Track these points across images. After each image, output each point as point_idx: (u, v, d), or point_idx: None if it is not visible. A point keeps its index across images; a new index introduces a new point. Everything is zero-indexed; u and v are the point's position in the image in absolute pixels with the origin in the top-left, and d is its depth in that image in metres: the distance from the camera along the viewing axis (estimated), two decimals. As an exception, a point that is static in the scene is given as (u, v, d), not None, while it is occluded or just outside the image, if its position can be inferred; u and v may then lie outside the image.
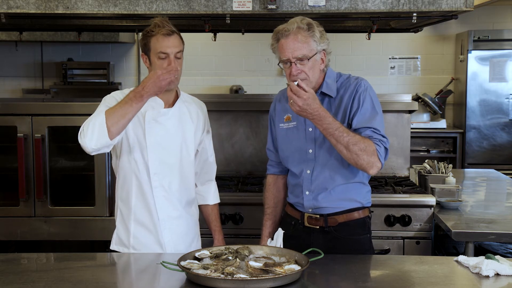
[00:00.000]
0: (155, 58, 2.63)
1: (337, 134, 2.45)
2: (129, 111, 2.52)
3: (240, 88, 6.99)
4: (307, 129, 2.66)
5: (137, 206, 2.74)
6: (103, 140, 2.50)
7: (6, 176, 3.93)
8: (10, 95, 7.25)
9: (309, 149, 2.65)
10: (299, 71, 2.53)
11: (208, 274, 2.08)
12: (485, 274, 2.21)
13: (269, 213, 2.87)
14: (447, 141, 6.68)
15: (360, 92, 2.58)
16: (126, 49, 7.28)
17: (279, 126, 2.77)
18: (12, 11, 3.27)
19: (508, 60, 6.48)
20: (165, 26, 2.62)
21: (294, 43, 2.52)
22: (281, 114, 2.77)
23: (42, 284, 2.17)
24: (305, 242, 2.64)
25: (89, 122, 2.53)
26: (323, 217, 2.64)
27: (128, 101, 2.52)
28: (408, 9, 3.25)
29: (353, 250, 2.63)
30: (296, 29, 2.52)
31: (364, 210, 2.69)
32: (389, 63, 7.18)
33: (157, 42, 2.61)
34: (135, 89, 2.55)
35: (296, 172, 2.69)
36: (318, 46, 2.55)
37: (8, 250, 3.92)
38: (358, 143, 2.46)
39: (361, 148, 2.46)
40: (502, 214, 3.35)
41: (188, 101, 2.84)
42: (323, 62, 2.61)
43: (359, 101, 2.57)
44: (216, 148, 3.52)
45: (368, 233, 2.72)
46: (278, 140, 2.79)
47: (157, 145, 2.71)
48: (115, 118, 2.50)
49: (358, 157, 2.47)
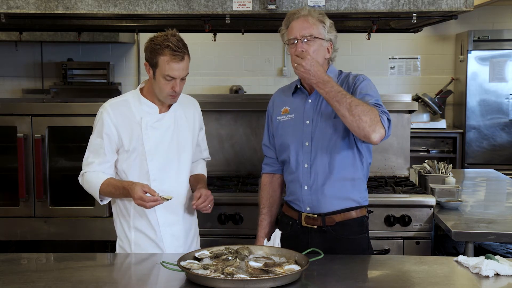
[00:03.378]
0: (160, 77, 2.61)
1: (339, 96, 2.41)
2: (117, 197, 2.77)
3: (240, 88, 6.99)
4: (304, 122, 2.65)
5: (137, 213, 2.74)
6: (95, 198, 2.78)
7: (6, 176, 3.93)
8: (10, 95, 7.25)
9: (305, 142, 2.64)
10: (303, 50, 2.55)
11: (208, 274, 2.08)
12: (485, 274, 2.21)
13: (265, 213, 2.85)
14: (447, 141, 6.68)
15: (358, 83, 2.60)
16: (126, 49, 7.28)
17: (276, 119, 2.76)
18: (12, 11, 3.27)
19: (508, 60, 6.48)
20: (178, 50, 2.56)
21: (303, 23, 2.58)
22: (279, 107, 2.77)
23: (42, 284, 2.17)
24: (303, 242, 2.63)
25: (86, 182, 2.74)
26: (320, 216, 2.64)
27: (120, 194, 2.69)
28: (408, 9, 3.25)
29: (351, 249, 2.62)
30: (307, 13, 2.59)
31: (361, 209, 2.68)
32: (389, 63, 7.18)
33: (166, 64, 2.57)
34: (126, 187, 2.63)
35: (293, 166, 2.68)
36: (326, 34, 2.60)
37: (8, 250, 3.92)
38: (361, 105, 2.41)
39: (364, 110, 2.39)
40: (502, 214, 3.35)
41: (183, 102, 2.83)
42: (329, 53, 2.64)
43: (357, 89, 2.57)
44: (216, 148, 3.54)
45: (366, 232, 2.71)
46: (275, 133, 2.77)
47: (155, 151, 2.71)
48: (107, 194, 2.74)
49: (361, 119, 2.38)
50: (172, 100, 2.70)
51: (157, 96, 2.69)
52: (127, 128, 2.69)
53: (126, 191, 2.63)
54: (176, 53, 2.56)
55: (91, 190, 2.74)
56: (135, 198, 2.57)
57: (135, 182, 2.63)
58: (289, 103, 2.73)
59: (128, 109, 2.72)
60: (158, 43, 2.58)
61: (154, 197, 2.56)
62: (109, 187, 2.69)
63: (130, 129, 2.69)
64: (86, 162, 2.74)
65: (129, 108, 2.72)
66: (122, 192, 2.67)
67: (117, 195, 2.72)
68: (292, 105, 2.71)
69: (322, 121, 2.62)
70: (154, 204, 2.59)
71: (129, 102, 2.74)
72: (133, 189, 2.58)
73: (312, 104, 2.65)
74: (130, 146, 2.69)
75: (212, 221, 3.45)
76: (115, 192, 2.70)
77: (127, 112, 2.71)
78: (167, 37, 2.58)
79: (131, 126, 2.70)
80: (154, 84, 2.66)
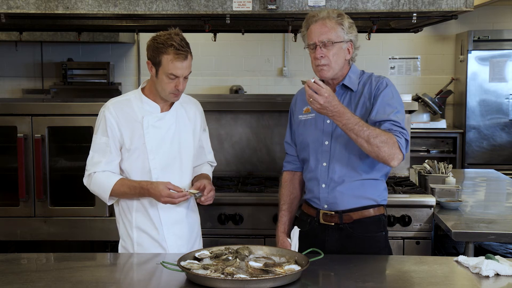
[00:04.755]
0: (163, 76, 2.61)
1: (357, 128, 2.46)
2: (130, 197, 2.73)
3: (240, 88, 6.99)
4: (324, 121, 2.68)
5: (139, 212, 2.73)
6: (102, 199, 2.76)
7: (6, 176, 3.93)
8: (10, 95, 7.25)
9: (325, 141, 2.67)
10: (323, 55, 2.57)
11: (208, 274, 2.08)
12: (485, 274, 2.21)
13: (285, 209, 2.87)
14: (447, 141, 6.67)
15: (382, 89, 2.62)
16: (126, 49, 7.28)
17: (298, 117, 2.80)
18: (12, 11, 3.27)
19: (508, 60, 6.48)
20: (182, 48, 2.57)
21: (321, 28, 2.58)
22: (301, 106, 2.81)
23: (42, 284, 2.17)
24: (320, 239, 2.67)
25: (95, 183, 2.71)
26: (338, 213, 2.66)
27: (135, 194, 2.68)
28: (408, 9, 3.25)
29: (368, 247, 2.64)
30: (325, 15, 2.59)
31: (379, 208, 2.69)
32: (389, 63, 7.18)
33: (170, 63, 2.57)
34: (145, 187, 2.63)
35: (312, 164, 2.71)
36: (345, 35, 2.60)
37: (8, 250, 3.92)
38: (379, 136, 2.47)
39: (382, 141, 2.47)
40: (502, 214, 3.35)
41: (185, 101, 2.84)
42: (349, 53, 2.64)
43: (380, 96, 2.60)
44: (216, 148, 3.52)
45: (383, 231, 2.72)
46: (296, 131, 2.81)
47: (157, 150, 2.71)
48: (119, 195, 2.72)
49: (380, 149, 2.47)
50: (174, 98, 2.70)
51: (160, 94, 2.69)
52: (129, 127, 2.69)
53: (145, 190, 2.62)
54: (179, 52, 2.56)
55: (100, 191, 2.71)
56: (163, 196, 2.58)
57: (155, 182, 2.63)
58: None
59: (130, 108, 2.72)
60: (162, 42, 2.58)
61: (182, 193, 2.60)
62: (123, 187, 2.67)
63: (132, 128, 2.69)
64: (92, 162, 2.72)
65: (131, 107, 2.72)
66: (138, 192, 2.66)
67: (132, 195, 2.70)
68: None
69: None
70: (183, 199, 2.62)
71: (131, 101, 2.74)
72: (156, 188, 2.59)
73: None
74: (131, 145, 2.69)
75: (212, 221, 3.45)
76: (130, 192, 2.68)
77: (129, 111, 2.71)
78: (170, 36, 2.58)
79: (133, 125, 2.70)
80: (156, 82, 2.66)
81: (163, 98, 2.71)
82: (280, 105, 4.04)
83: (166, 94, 2.66)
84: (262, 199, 3.47)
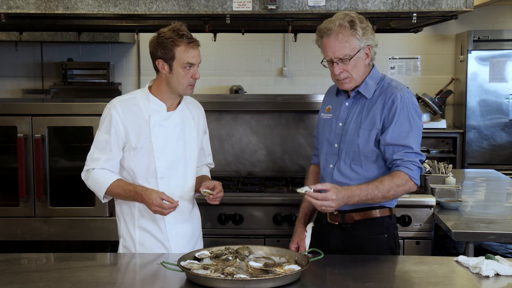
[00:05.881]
0: (179, 67, 2.63)
1: (370, 197, 2.52)
2: (124, 199, 2.74)
3: (240, 88, 6.99)
4: (337, 123, 2.69)
5: (142, 212, 2.73)
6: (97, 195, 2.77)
7: (6, 176, 3.93)
8: (10, 95, 7.25)
9: (335, 143, 2.69)
10: (342, 70, 2.57)
11: (208, 274, 2.08)
12: (485, 274, 2.21)
13: (308, 201, 2.86)
14: (447, 141, 6.67)
15: (397, 104, 2.56)
16: (126, 49, 7.28)
17: (321, 115, 2.83)
18: (12, 11, 3.27)
19: (508, 60, 6.47)
20: (192, 37, 2.64)
21: (335, 43, 2.54)
22: (325, 104, 2.83)
23: (42, 284, 2.17)
24: (325, 238, 2.69)
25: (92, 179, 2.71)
26: (341, 213, 2.67)
27: (129, 197, 2.68)
28: (408, 9, 3.25)
29: (368, 249, 2.63)
30: (337, 28, 2.53)
31: (384, 210, 2.67)
32: (389, 63, 7.18)
33: (185, 53, 2.62)
34: (139, 192, 2.62)
35: (322, 165, 2.75)
36: (361, 43, 2.56)
37: (8, 250, 3.91)
38: (391, 189, 2.53)
39: (398, 191, 2.55)
40: (502, 214, 3.35)
41: (189, 102, 2.85)
42: (368, 57, 2.63)
43: (395, 114, 2.56)
44: (216, 148, 3.53)
45: (387, 233, 2.68)
46: (318, 129, 2.85)
47: (163, 149, 2.71)
48: (114, 195, 2.73)
49: (396, 195, 2.58)
50: (191, 91, 2.72)
51: (176, 90, 2.69)
52: (135, 125, 2.69)
53: (138, 195, 2.62)
54: (191, 40, 2.64)
55: (95, 188, 2.72)
56: (154, 205, 2.57)
57: (150, 189, 2.62)
58: (332, 102, 2.78)
59: (136, 106, 2.72)
60: (170, 36, 2.62)
61: (173, 204, 2.58)
62: (118, 189, 2.67)
63: (138, 126, 2.69)
64: (92, 158, 2.72)
65: (137, 106, 2.72)
66: (132, 196, 2.66)
67: (126, 198, 2.70)
68: (334, 105, 2.76)
69: (352, 126, 2.64)
70: (172, 211, 2.61)
71: (137, 99, 2.74)
72: (149, 195, 2.58)
73: (348, 108, 2.68)
74: (137, 143, 2.69)
75: (212, 221, 3.45)
76: (124, 195, 2.68)
77: (135, 109, 2.71)
78: (177, 28, 2.63)
79: (139, 123, 2.69)
80: (171, 78, 2.66)
81: (178, 93, 2.72)
82: (280, 105, 4.04)
83: (184, 87, 2.68)
84: (262, 199, 3.47)
